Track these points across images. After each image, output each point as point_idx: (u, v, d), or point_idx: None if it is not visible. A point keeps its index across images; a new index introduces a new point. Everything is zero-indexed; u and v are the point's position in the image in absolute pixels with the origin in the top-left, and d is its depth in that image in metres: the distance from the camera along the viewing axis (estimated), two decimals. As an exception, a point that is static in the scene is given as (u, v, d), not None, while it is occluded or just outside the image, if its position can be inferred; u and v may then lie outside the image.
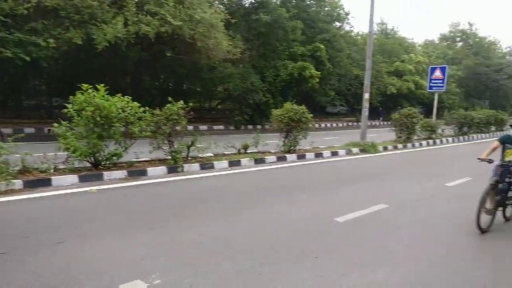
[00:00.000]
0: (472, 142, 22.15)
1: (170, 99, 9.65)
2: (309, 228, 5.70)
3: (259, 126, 24.04)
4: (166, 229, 5.36)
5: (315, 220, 6.11)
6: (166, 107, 9.49)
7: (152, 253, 4.51)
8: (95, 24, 15.66)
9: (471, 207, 5.75)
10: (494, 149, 6.11)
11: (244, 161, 10.85)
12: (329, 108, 40.10)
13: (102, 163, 8.64)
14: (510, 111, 56.77)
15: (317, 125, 27.99)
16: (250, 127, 23.64)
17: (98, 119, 8.01)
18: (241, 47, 21.99)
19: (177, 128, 9.63)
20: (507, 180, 5.88)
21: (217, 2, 23.87)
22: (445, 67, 22.58)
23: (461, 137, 22.37)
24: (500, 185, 5.80)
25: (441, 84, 21.40)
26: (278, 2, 27.46)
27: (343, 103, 39.82)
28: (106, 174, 8.22)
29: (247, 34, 24.77)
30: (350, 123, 33.53)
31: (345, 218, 6.14)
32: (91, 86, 8.20)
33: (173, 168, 9.34)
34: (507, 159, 6.04)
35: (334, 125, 32.02)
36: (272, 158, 11.69)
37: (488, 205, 5.73)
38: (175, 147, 9.70)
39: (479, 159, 6.00)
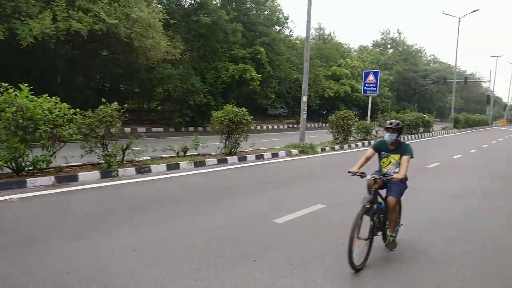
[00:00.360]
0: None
1: (103, 100, 9.17)
2: (248, 230, 5.66)
3: (200, 128, 23.71)
4: (95, 238, 5.02)
5: (254, 222, 6.07)
6: (99, 109, 8.99)
7: (77, 265, 4.18)
8: (19, 18, 14.48)
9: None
10: (368, 159, 4.91)
11: (183, 164, 10.58)
12: (270, 110, 40.72)
13: (26, 169, 7.95)
14: (435, 113, 61.62)
15: (258, 127, 28.23)
16: (191, 129, 23.23)
17: (21, 121, 7.36)
18: (181, 48, 21.58)
19: (112, 130, 9.16)
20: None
21: (155, 1, 23.26)
22: (377, 72, 23.86)
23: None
24: (375, 206, 4.58)
25: (374, 88, 22.55)
26: (218, 4, 27.33)
27: (284, 105, 40.61)
28: (30, 181, 7.57)
29: (187, 35, 24.38)
30: (290, 125, 34.27)
31: (284, 219, 6.17)
32: (11, 86, 7.52)
33: (107, 172, 8.85)
34: (384, 170, 4.90)
35: (275, 127, 32.54)
36: (213, 160, 11.54)
37: (363, 233, 4.37)
38: (109, 150, 9.21)
39: (349, 173, 4.72)
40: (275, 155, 13.82)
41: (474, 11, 41.91)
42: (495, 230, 6.35)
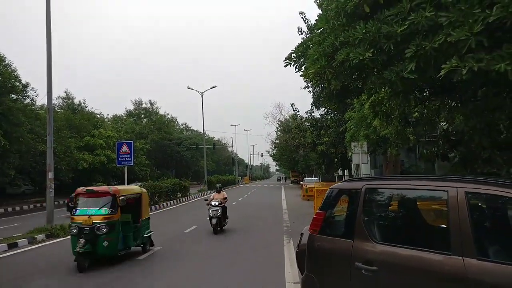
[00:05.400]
0: (163, 209, 24.15)
1: None
2: None
3: None
4: None
5: None
6: None
7: None
8: None
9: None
10: None
11: None
12: (10, 189, 34.49)
13: None
14: (191, 177, 66.73)
15: (-8, 212, 23.21)
16: None
17: None
18: None
19: None
20: None
21: None
22: (131, 142, 23.91)
23: (153, 207, 23.90)
24: None
25: (129, 159, 22.27)
26: None
27: (28, 182, 35.28)
28: None
29: None
30: (38, 204, 29.68)
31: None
32: None
33: None
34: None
35: (18, 208, 27.52)
36: None
37: None
38: None
39: None
40: (13, 246, 11.45)
41: (213, 87, 48.29)
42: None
